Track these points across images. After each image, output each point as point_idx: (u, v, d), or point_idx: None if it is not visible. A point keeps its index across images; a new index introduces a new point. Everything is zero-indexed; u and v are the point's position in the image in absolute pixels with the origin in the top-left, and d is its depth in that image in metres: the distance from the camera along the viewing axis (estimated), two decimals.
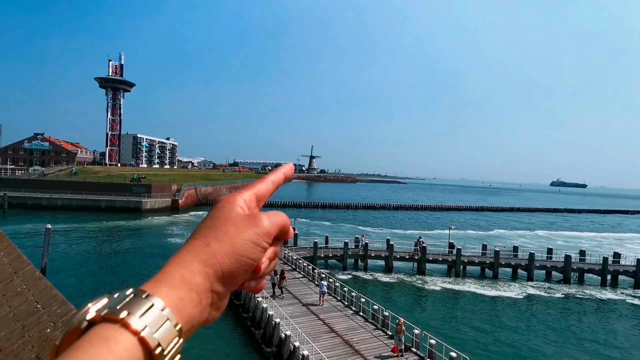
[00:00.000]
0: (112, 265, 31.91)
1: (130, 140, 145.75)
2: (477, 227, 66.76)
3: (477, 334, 21.12)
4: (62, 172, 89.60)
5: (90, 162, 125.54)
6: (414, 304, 26.17)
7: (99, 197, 63.09)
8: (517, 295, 28.32)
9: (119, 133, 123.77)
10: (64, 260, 32.09)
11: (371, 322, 18.68)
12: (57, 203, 61.11)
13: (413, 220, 74.11)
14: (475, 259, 34.59)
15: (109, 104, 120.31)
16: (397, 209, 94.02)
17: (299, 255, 30.18)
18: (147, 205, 62.57)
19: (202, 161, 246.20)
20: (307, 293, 22.74)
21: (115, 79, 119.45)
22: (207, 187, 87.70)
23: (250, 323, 19.72)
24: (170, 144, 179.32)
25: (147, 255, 35.47)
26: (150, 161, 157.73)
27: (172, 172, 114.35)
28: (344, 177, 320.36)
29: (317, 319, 18.93)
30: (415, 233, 54.19)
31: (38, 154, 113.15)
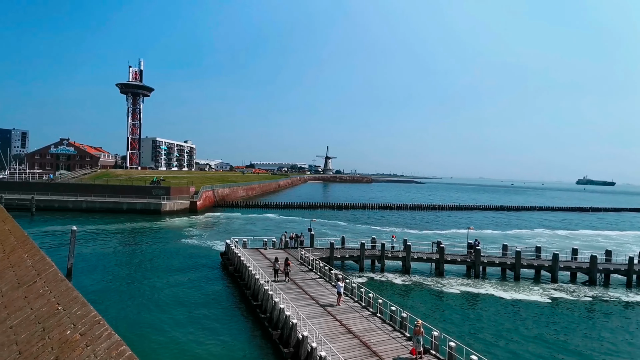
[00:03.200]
0: (133, 266, 32.68)
1: (150, 144, 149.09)
2: (497, 227, 65.30)
3: (498, 338, 20.59)
4: (86, 175, 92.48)
5: (112, 165, 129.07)
6: (433, 305, 25.74)
7: (120, 199, 64.82)
8: (540, 298, 27.48)
9: (139, 137, 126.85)
10: (89, 261, 33.07)
11: (389, 324, 18.48)
12: (82, 206, 63.12)
13: (430, 220, 73.10)
14: (496, 259, 33.79)
15: (129, 108, 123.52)
16: (413, 209, 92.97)
17: (315, 256, 30.17)
18: (167, 207, 63.87)
19: (219, 163, 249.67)
20: (323, 294, 22.70)
21: (135, 85, 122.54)
22: (224, 188, 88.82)
23: (267, 324, 19.82)
24: (188, 146, 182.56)
25: (167, 255, 36.18)
26: (169, 164, 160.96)
27: (190, 175, 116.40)
28: (360, 177, 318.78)
29: (334, 320, 18.86)
30: (432, 233, 53.43)
31: (64, 158, 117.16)
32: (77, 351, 1.82)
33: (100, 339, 1.86)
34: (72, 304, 2.31)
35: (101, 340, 1.84)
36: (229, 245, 33.06)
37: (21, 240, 3.96)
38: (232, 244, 32.77)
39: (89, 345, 1.84)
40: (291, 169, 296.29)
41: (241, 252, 30.39)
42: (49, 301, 2.44)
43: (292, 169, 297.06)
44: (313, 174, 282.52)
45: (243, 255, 29.12)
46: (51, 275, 2.85)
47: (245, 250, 32.36)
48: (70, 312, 2.22)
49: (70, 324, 2.09)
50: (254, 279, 24.32)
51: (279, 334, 18.30)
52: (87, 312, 2.16)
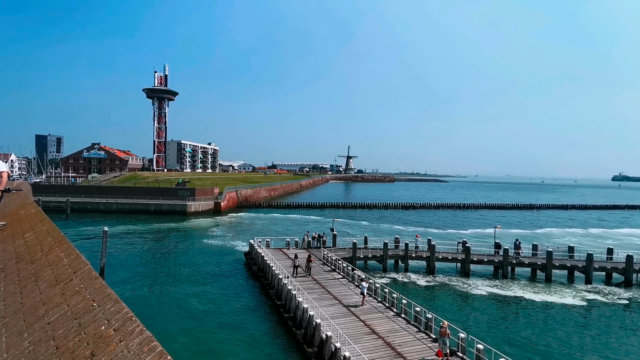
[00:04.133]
0: (160, 265, 33.68)
1: (175, 147, 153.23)
2: (525, 226, 63.12)
3: (528, 342, 19.87)
4: (116, 178, 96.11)
5: (139, 168, 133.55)
6: (458, 307, 25.16)
7: (148, 201, 66.92)
8: (573, 301, 26.33)
9: (165, 140, 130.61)
10: (120, 260, 34.34)
11: (413, 325, 18.22)
12: (113, 207, 65.60)
13: (454, 219, 71.51)
14: (525, 260, 32.66)
15: (155, 112, 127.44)
16: (437, 208, 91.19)
17: (338, 256, 30.13)
18: (192, 208, 65.43)
19: (242, 164, 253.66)
20: (347, 294, 22.63)
21: (160, 89, 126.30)
22: (247, 189, 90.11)
23: (291, 323, 19.95)
24: (211, 148, 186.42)
25: (192, 255, 37.06)
26: (194, 166, 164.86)
27: (214, 176, 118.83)
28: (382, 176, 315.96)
29: (357, 320, 18.77)
30: (456, 233, 52.25)
31: (95, 162, 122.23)
32: (111, 346, 1.89)
33: (133, 334, 1.92)
34: (105, 301, 2.40)
35: (133, 336, 1.90)
36: (253, 245, 33.50)
37: (58, 240, 4.15)
38: (255, 244, 33.19)
39: (122, 341, 1.90)
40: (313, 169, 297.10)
41: (264, 252, 30.73)
42: (85, 298, 2.54)
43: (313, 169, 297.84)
44: (335, 174, 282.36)
45: (266, 255, 29.44)
46: (86, 273, 2.97)
47: (268, 250, 32.71)
48: (104, 309, 2.30)
49: (105, 320, 2.17)
50: (277, 279, 24.54)
51: (302, 334, 18.38)
52: (120, 309, 2.24)
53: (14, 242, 4.84)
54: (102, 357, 1.84)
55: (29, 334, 2.38)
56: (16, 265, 3.82)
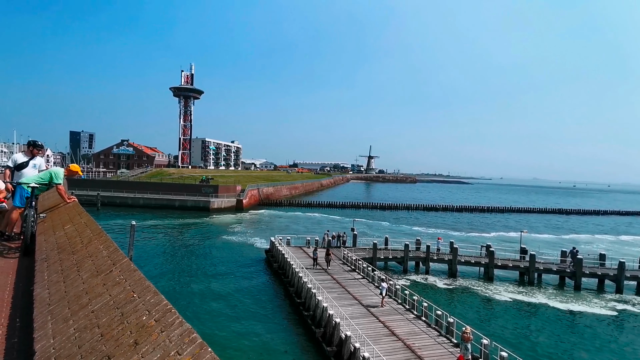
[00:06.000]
0: (184, 260, 34.59)
1: (200, 144, 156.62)
2: (552, 231, 60.86)
3: (553, 352, 19.20)
4: (143, 174, 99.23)
5: (165, 165, 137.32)
6: (480, 312, 24.59)
7: (173, 197, 68.76)
8: (602, 311, 25.23)
9: (190, 137, 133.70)
10: (146, 253, 35.48)
11: (434, 328, 17.96)
12: (140, 202, 67.80)
13: (477, 222, 69.81)
14: (553, 266, 31.53)
15: (181, 111, 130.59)
16: (460, 210, 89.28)
17: (358, 256, 30.03)
18: (215, 205, 66.75)
19: (263, 162, 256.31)
20: (366, 294, 22.54)
21: (186, 88, 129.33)
22: (269, 187, 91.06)
23: (310, 321, 20.06)
24: (234, 146, 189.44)
25: (215, 251, 37.85)
26: (217, 163, 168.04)
27: (237, 174, 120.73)
28: (404, 177, 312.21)
29: (377, 321, 18.67)
30: (479, 236, 51.00)
31: (124, 158, 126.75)
32: (153, 336, 1.98)
33: (173, 326, 2.01)
34: (145, 292, 2.51)
35: (174, 327, 1.99)
36: (273, 243, 33.86)
37: (96, 232, 4.36)
38: (276, 242, 33.54)
39: (163, 331, 1.99)
40: (334, 169, 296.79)
41: (285, 249, 31.01)
42: (125, 289, 2.67)
43: (334, 169, 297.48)
44: (355, 174, 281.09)
45: (287, 253, 29.70)
46: (125, 265, 3.11)
47: (288, 248, 32.97)
48: (144, 300, 2.41)
49: (145, 311, 2.27)
50: (297, 277, 24.72)
51: (321, 332, 18.46)
52: (159, 301, 2.34)
53: (54, 234, 5.11)
54: (146, 346, 1.93)
55: (74, 321, 2.53)
56: (58, 256, 4.05)
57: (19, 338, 2.88)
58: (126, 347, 1.98)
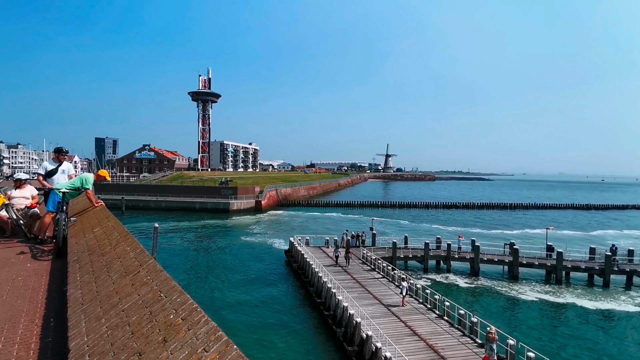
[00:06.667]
0: (205, 260, 35.25)
1: (218, 147, 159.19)
2: (578, 228, 58.76)
3: (582, 352, 18.55)
4: (164, 177, 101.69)
5: (186, 168, 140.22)
6: (505, 312, 24.01)
7: (194, 199, 70.17)
8: (633, 308, 24.21)
9: (209, 141, 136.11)
10: (168, 254, 36.34)
11: (457, 328, 17.66)
12: (162, 205, 69.51)
13: (499, 219, 68.15)
14: (581, 264, 30.47)
15: (200, 114, 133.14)
16: (481, 207, 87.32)
17: (378, 255, 29.86)
18: (234, 206, 67.70)
19: (281, 164, 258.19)
20: (387, 294, 22.39)
21: (204, 92, 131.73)
22: (287, 188, 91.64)
23: (331, 321, 20.08)
24: (252, 148, 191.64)
25: (235, 252, 38.39)
26: (236, 165, 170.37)
27: (255, 175, 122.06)
28: (422, 175, 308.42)
29: (398, 320, 18.52)
30: (501, 233, 49.78)
31: (146, 162, 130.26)
32: (180, 333, 2.05)
33: (199, 324, 2.08)
34: (171, 292, 2.59)
35: (200, 325, 2.05)
36: (293, 243, 34.06)
37: (123, 234, 4.52)
38: (295, 242, 33.73)
39: (190, 329, 2.06)
40: (351, 168, 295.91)
41: (304, 250, 31.15)
42: (152, 289, 2.76)
43: (351, 168, 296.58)
44: (373, 173, 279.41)
45: (306, 253, 29.82)
46: (151, 266, 3.22)
47: (308, 248, 33.10)
48: (171, 299, 2.49)
49: (172, 310, 2.35)
50: (317, 277, 24.79)
51: (342, 332, 18.45)
52: (185, 300, 2.41)
53: (84, 236, 5.33)
54: (174, 343, 2.00)
55: (106, 320, 2.63)
56: (89, 257, 4.22)
57: (53, 337, 3.02)
58: (155, 345, 2.06)
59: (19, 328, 3.18)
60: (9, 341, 2.96)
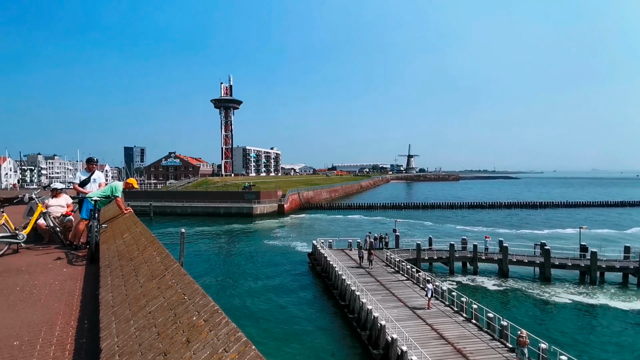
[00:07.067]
0: (230, 264, 35.88)
1: (241, 152, 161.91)
2: (612, 226, 55.87)
3: (618, 357, 17.60)
4: (189, 184, 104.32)
5: (210, 174, 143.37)
6: (536, 315, 23.13)
7: (218, 204, 71.59)
8: None
9: (231, 146, 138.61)
10: (195, 258, 37.22)
11: (486, 332, 17.18)
12: (187, 210, 71.33)
13: (528, 219, 65.80)
14: (616, 264, 29.00)
15: (222, 121, 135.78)
16: (509, 206, 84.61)
17: (402, 257, 29.48)
18: (257, 211, 68.61)
19: (303, 167, 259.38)
20: (412, 296, 22.06)
21: (226, 99, 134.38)
22: (309, 191, 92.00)
23: (355, 324, 19.99)
24: (274, 152, 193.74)
25: (259, 255, 38.87)
26: (258, 170, 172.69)
27: (277, 179, 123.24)
28: (446, 175, 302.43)
29: (424, 323, 18.21)
30: (530, 233, 48.06)
31: (172, 169, 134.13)
32: (202, 334, 2.14)
33: (220, 325, 2.16)
34: (194, 294, 2.70)
35: (221, 327, 2.14)
36: (316, 246, 34.15)
37: (150, 240, 4.71)
38: (318, 245, 33.80)
39: (211, 330, 2.15)
40: (373, 170, 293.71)
41: (327, 252, 31.17)
42: (177, 292, 2.88)
43: (373, 170, 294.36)
44: (395, 174, 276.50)
45: (329, 256, 29.83)
46: (176, 270, 3.35)
47: (331, 250, 33.10)
48: (193, 302, 2.60)
49: (195, 312, 2.45)
50: (340, 279, 24.75)
51: (367, 335, 18.33)
52: (207, 302, 2.51)
53: (115, 242, 5.59)
54: (197, 344, 2.09)
55: (134, 321, 2.77)
56: (119, 262, 4.43)
57: (87, 338, 3.19)
58: (179, 345, 2.16)
59: (56, 330, 3.38)
60: (46, 342, 3.16)
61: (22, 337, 3.25)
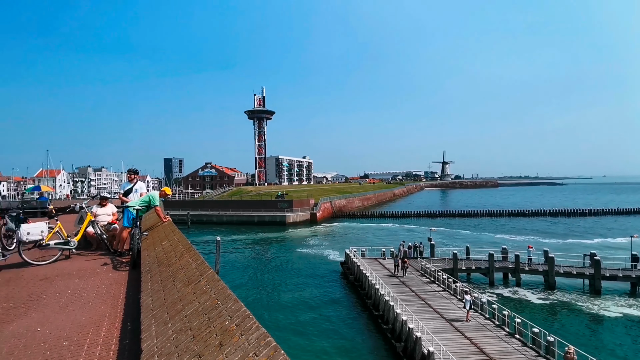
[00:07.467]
0: (264, 272, 36.36)
1: (274, 162, 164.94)
2: None
3: None
4: (224, 193, 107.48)
5: (244, 183, 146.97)
6: (586, 330, 21.54)
7: (252, 213, 73.14)
8: None
9: (265, 156, 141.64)
10: (229, 266, 38.13)
11: (531, 348, 16.21)
12: (223, 219, 73.39)
13: (574, 228, 61.71)
14: None
15: (256, 132, 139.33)
16: (554, 214, 79.90)
17: (437, 267, 28.61)
18: (290, 219, 69.32)
19: (334, 175, 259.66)
20: (449, 308, 21.29)
21: (259, 110, 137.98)
22: (341, 199, 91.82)
23: (390, 335, 19.55)
24: (306, 162, 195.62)
25: (292, 263, 39.14)
26: (290, 179, 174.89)
27: (309, 188, 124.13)
28: (483, 181, 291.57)
29: (462, 337, 17.49)
30: (577, 243, 45.02)
31: (208, 179, 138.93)
32: (234, 339, 2.22)
33: (251, 330, 2.23)
34: (227, 300, 2.80)
35: (252, 331, 2.21)
36: (349, 255, 33.92)
37: (186, 247, 4.92)
38: (351, 254, 33.56)
39: (243, 335, 2.22)
40: (406, 177, 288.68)
41: (360, 261, 30.85)
42: (211, 297, 3.00)
43: (406, 177, 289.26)
44: (429, 181, 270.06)
45: (362, 265, 29.51)
46: (210, 276, 3.48)
47: (364, 259, 32.74)
48: (226, 307, 2.69)
49: (228, 317, 2.54)
50: (374, 289, 24.38)
51: (402, 347, 17.87)
52: (239, 308, 2.60)
53: (154, 249, 5.89)
54: (229, 347, 2.17)
55: (172, 324, 2.91)
56: (158, 268, 4.67)
57: (129, 339, 3.38)
58: (213, 348, 2.25)
59: (102, 331, 3.61)
60: (93, 343, 3.38)
61: (71, 338, 3.49)
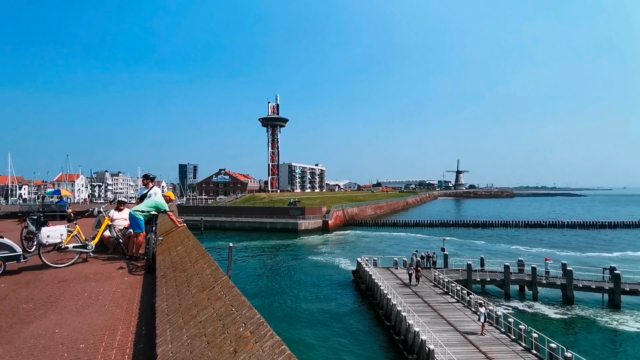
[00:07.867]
0: (275, 279, 36.32)
1: (287, 169, 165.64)
2: None
3: None
4: (237, 199, 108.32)
5: (257, 190, 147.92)
6: (605, 346, 20.75)
7: (264, 219, 73.42)
8: None
9: (277, 163, 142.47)
10: (241, 272, 38.25)
11: None
12: (235, 225, 73.87)
13: (592, 240, 59.85)
14: None
15: (269, 139, 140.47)
16: (573, 226, 77.76)
17: (451, 278, 28.10)
18: (302, 226, 69.30)
19: (347, 183, 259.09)
20: (462, 320, 20.84)
21: (273, 118, 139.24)
22: (354, 207, 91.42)
23: (402, 346, 19.22)
24: (319, 169, 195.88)
25: (303, 271, 39.01)
26: (303, 186, 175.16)
27: (322, 195, 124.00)
28: (498, 191, 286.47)
29: (477, 351, 17.06)
30: (596, 256, 43.62)
31: (222, 185, 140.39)
32: (249, 346, 2.22)
33: (265, 337, 2.23)
34: (241, 307, 2.81)
35: (266, 339, 2.21)
36: (360, 264, 33.64)
37: (201, 253, 4.97)
38: (363, 263, 33.28)
39: (257, 342, 2.22)
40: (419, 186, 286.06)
41: (372, 271, 30.56)
42: (225, 303, 3.02)
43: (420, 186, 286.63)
44: (443, 190, 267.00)
45: (374, 274, 29.21)
46: (224, 282, 3.50)
47: (376, 269, 32.41)
48: (241, 314, 2.70)
49: (242, 323, 2.55)
50: (386, 299, 24.07)
51: (415, 359, 17.53)
52: (253, 315, 2.60)
53: (169, 254, 5.96)
54: (243, 354, 2.17)
55: (187, 330, 2.93)
56: (173, 273, 4.72)
57: (144, 344, 3.42)
58: (227, 355, 2.25)
59: (117, 334, 3.65)
60: (108, 346, 3.42)
61: (87, 340, 3.55)
